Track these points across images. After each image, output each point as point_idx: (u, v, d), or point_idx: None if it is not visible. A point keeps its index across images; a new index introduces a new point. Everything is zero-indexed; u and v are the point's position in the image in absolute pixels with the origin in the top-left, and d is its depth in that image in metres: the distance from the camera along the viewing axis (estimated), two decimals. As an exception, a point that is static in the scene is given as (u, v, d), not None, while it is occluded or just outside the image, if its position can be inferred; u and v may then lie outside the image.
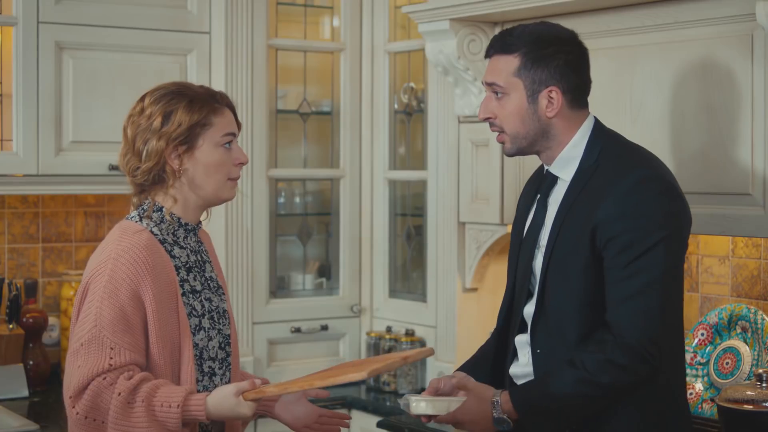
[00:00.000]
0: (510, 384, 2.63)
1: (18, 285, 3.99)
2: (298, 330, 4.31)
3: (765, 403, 2.65)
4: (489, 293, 3.89)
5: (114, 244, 2.53)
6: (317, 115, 4.46)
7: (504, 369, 2.67)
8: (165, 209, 2.59)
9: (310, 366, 4.29)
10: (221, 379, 2.62)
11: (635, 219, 2.42)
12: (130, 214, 2.62)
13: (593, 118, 2.61)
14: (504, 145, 2.61)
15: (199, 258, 2.66)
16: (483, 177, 3.79)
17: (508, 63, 2.54)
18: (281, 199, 4.42)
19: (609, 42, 3.26)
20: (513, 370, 2.63)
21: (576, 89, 2.56)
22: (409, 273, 4.37)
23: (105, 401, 2.42)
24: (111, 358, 2.44)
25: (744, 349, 3.10)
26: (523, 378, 2.60)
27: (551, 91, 2.53)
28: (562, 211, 2.53)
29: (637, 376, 2.41)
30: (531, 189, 2.72)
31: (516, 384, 2.61)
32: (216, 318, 2.63)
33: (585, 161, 2.55)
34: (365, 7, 4.40)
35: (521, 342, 2.61)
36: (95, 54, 3.93)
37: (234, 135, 2.60)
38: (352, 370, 2.42)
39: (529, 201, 2.69)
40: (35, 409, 3.74)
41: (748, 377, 3.04)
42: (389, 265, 4.40)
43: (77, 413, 2.44)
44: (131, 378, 2.43)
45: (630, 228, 2.42)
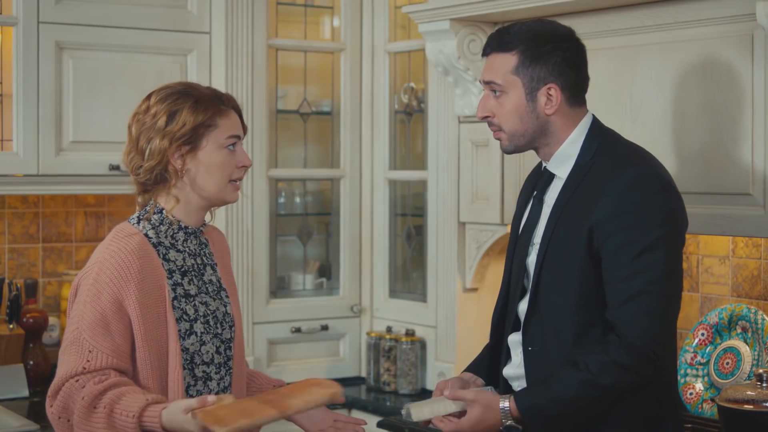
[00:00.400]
0: (504, 385, 2.63)
1: (18, 285, 3.99)
2: (298, 330, 4.31)
3: (765, 403, 2.65)
4: (489, 293, 3.88)
5: (104, 246, 2.55)
6: (317, 115, 4.46)
7: (499, 370, 2.66)
8: (166, 211, 2.58)
9: (310, 366, 4.30)
10: (218, 384, 2.61)
11: (634, 217, 2.42)
12: (132, 215, 2.62)
13: (591, 115, 2.60)
14: (501, 143, 2.60)
15: (199, 261, 2.65)
16: (483, 177, 3.79)
17: (505, 61, 2.54)
18: (281, 199, 4.42)
19: (609, 42, 3.26)
20: (506, 371, 2.63)
21: (574, 86, 2.56)
22: (410, 273, 4.37)
23: (74, 402, 2.44)
24: (87, 361, 2.45)
25: (744, 349, 3.10)
26: (517, 379, 2.59)
27: (550, 89, 2.52)
28: (557, 209, 2.53)
29: (641, 376, 2.41)
30: (529, 186, 2.72)
31: (510, 385, 2.61)
32: (212, 322, 2.61)
33: (581, 158, 2.55)
34: (365, 7, 4.40)
35: (514, 342, 2.60)
36: (95, 54, 3.93)
37: (239, 137, 2.60)
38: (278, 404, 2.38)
39: (527, 198, 2.69)
40: (35, 409, 3.73)
41: (748, 377, 3.04)
42: (389, 265, 4.40)
43: (52, 413, 2.48)
44: (101, 383, 2.43)
45: (628, 226, 2.41)
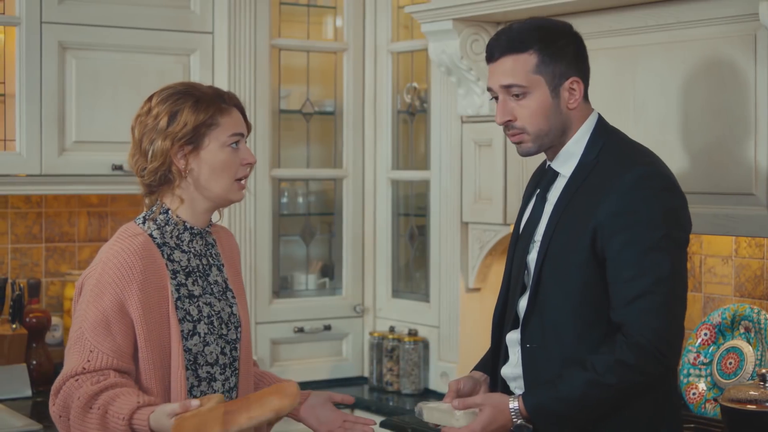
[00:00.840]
0: (502, 385, 2.62)
1: (21, 285, 3.99)
2: (301, 330, 4.31)
3: (768, 403, 2.65)
4: (492, 293, 3.86)
5: (108, 246, 2.55)
6: (320, 115, 4.46)
7: (497, 369, 2.66)
8: (171, 211, 2.58)
9: (313, 366, 4.30)
10: (223, 384, 2.61)
11: (638, 216, 2.41)
12: (138, 215, 2.62)
13: (597, 114, 2.60)
14: (522, 145, 2.56)
15: (204, 262, 2.64)
16: (486, 177, 3.79)
17: (523, 62, 2.51)
18: (284, 199, 4.42)
19: (611, 42, 3.26)
20: (504, 370, 2.62)
21: (588, 78, 2.58)
22: (412, 273, 4.37)
23: (72, 402, 2.45)
24: (88, 361, 2.45)
25: (747, 349, 3.10)
26: (514, 379, 2.59)
27: (572, 83, 2.53)
28: (559, 207, 2.53)
29: (647, 375, 2.40)
30: (532, 183, 2.72)
31: (508, 386, 2.61)
32: (216, 323, 2.61)
33: (585, 157, 2.54)
34: (368, 7, 4.40)
35: (512, 340, 2.59)
36: (98, 54, 3.93)
37: (242, 135, 2.59)
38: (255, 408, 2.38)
39: (530, 196, 2.69)
40: (38, 409, 3.74)
41: (751, 377, 3.04)
42: (392, 265, 4.40)
43: (54, 411, 2.49)
44: (98, 383, 2.43)
45: (632, 225, 2.41)
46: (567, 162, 2.57)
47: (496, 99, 2.58)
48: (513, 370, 2.59)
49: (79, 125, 3.89)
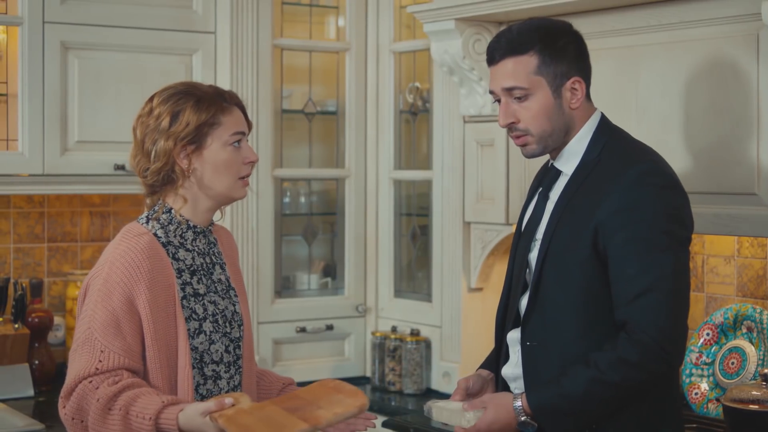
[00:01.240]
0: (503, 386, 2.62)
1: (23, 285, 4.00)
2: (303, 330, 4.31)
3: (770, 403, 2.65)
4: (494, 293, 3.88)
5: (113, 246, 2.55)
6: (322, 115, 4.46)
7: (499, 369, 2.66)
8: (174, 210, 2.59)
9: (315, 366, 4.30)
10: (228, 383, 2.62)
11: (639, 213, 2.41)
12: (141, 215, 2.63)
13: (600, 113, 2.61)
14: (526, 147, 2.57)
15: (208, 260, 2.65)
16: (488, 177, 3.79)
17: (524, 63, 2.51)
18: (286, 199, 4.42)
19: (613, 42, 3.26)
20: (504, 370, 2.62)
21: (589, 77, 2.58)
22: (414, 273, 4.37)
23: (88, 404, 2.44)
24: (100, 361, 2.45)
25: (749, 349, 3.10)
26: (514, 379, 2.59)
27: (574, 82, 2.53)
28: (560, 205, 2.53)
29: (650, 373, 2.39)
30: (536, 182, 2.72)
31: (509, 386, 2.61)
32: (221, 321, 2.61)
33: (587, 155, 2.54)
34: (370, 7, 4.40)
35: (513, 339, 2.59)
36: (100, 54, 3.93)
37: (243, 134, 2.60)
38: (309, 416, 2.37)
39: (533, 194, 2.69)
40: (40, 409, 3.74)
41: (753, 377, 3.04)
42: (394, 265, 4.40)
43: (65, 414, 2.48)
44: (115, 384, 2.43)
45: (634, 222, 2.41)
46: (569, 160, 2.57)
47: (498, 101, 2.58)
48: (513, 370, 2.59)
49: (82, 125, 3.89)
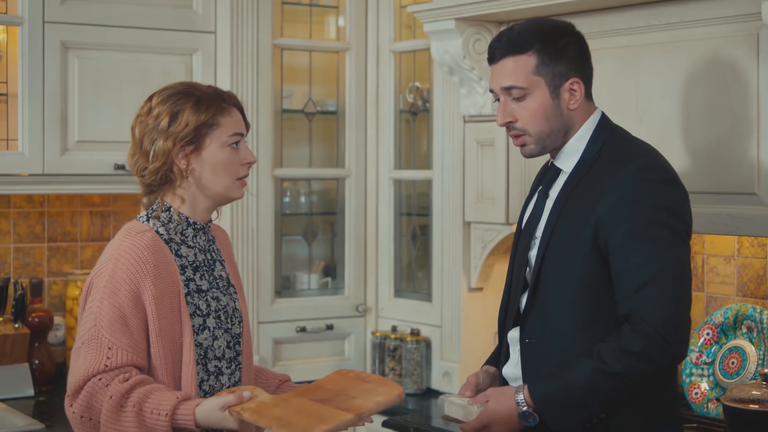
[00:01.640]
0: (504, 385, 2.62)
1: (23, 284, 4.00)
2: (303, 329, 4.31)
3: (770, 403, 2.65)
4: (494, 293, 3.88)
5: (117, 244, 2.55)
6: (322, 115, 4.46)
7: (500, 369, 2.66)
8: (173, 209, 2.59)
9: (315, 365, 4.30)
10: (229, 379, 2.62)
11: (638, 207, 2.41)
12: (139, 214, 2.63)
13: (600, 112, 2.61)
14: (525, 147, 2.57)
15: (209, 257, 2.66)
16: (488, 176, 3.79)
17: (523, 63, 2.52)
18: (286, 199, 4.42)
19: (614, 42, 3.26)
20: (505, 370, 2.62)
21: (589, 78, 2.58)
22: (415, 272, 4.37)
23: (99, 402, 2.44)
24: (108, 358, 2.45)
25: (749, 349, 3.10)
26: (515, 379, 2.58)
27: (573, 83, 2.53)
28: (559, 202, 2.53)
29: (653, 364, 2.38)
30: (536, 181, 2.72)
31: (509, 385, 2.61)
32: (223, 317, 2.62)
33: (587, 153, 2.55)
34: (371, 7, 4.40)
35: (513, 338, 2.60)
36: (101, 54, 3.93)
37: (242, 135, 2.61)
38: (334, 413, 2.36)
39: (533, 193, 2.69)
40: (40, 409, 3.74)
41: (753, 377, 3.04)
42: (394, 265, 4.40)
43: (73, 412, 2.47)
44: (126, 381, 2.43)
45: (634, 216, 2.41)
46: (569, 158, 2.57)
47: (498, 101, 2.58)
48: (513, 369, 2.59)
49: (82, 125, 3.89)
